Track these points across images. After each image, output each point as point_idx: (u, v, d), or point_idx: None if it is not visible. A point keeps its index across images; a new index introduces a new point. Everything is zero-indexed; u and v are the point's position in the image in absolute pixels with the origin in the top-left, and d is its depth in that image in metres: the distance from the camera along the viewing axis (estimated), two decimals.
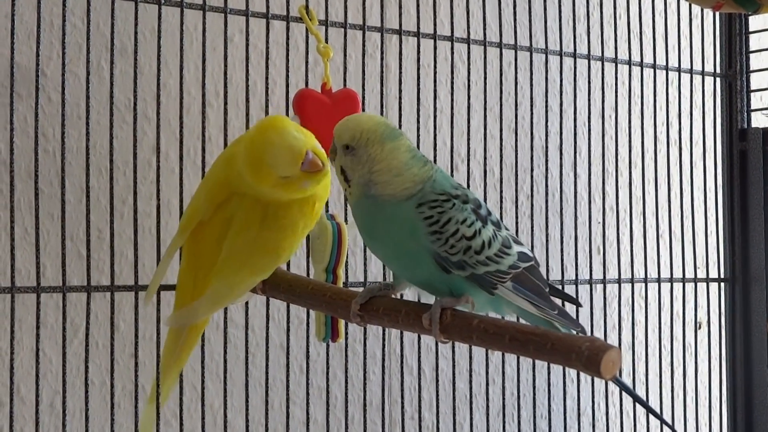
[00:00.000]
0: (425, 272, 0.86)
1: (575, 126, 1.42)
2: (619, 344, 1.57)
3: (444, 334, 0.85)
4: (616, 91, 1.45)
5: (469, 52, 1.31)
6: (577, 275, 1.40)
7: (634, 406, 1.45)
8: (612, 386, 1.48)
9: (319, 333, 1.12)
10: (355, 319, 0.91)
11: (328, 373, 1.21)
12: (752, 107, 1.61)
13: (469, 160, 1.31)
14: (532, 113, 1.39)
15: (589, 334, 0.96)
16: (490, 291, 0.86)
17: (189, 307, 1.02)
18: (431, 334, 0.85)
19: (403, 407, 1.28)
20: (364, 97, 1.23)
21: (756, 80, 1.62)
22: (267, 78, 1.18)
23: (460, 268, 0.85)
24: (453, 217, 0.85)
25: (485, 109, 1.33)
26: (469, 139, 1.31)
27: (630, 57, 1.47)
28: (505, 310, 0.90)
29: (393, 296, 0.91)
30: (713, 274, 1.58)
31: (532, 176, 1.39)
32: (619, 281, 1.46)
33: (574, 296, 1.39)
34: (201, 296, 1.01)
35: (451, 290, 0.87)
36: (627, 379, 1.54)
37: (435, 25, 1.29)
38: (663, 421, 1.00)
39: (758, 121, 1.63)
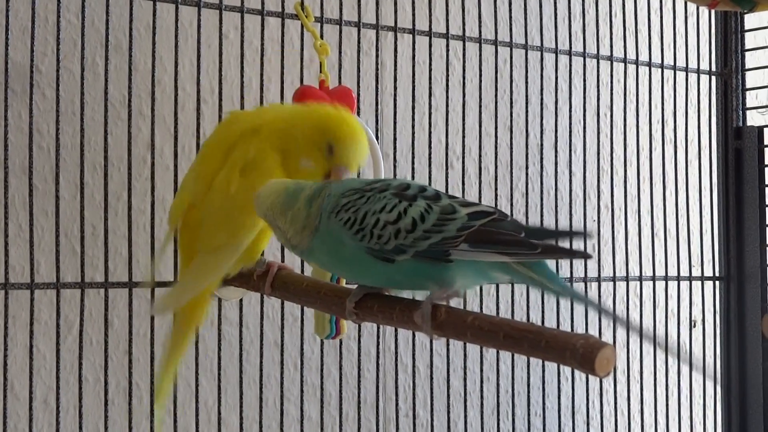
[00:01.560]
0: (379, 272, 0.85)
1: (570, 124, 1.42)
2: (614, 342, 1.57)
3: (438, 331, 0.84)
4: (612, 89, 1.45)
5: (464, 50, 1.31)
6: (572, 273, 1.40)
7: (629, 404, 1.45)
8: (606, 384, 1.49)
9: (322, 330, 1.11)
10: (351, 317, 0.91)
11: (322, 371, 1.21)
12: (747, 105, 1.61)
13: (464, 158, 1.31)
14: (527, 111, 1.39)
15: (583, 332, 0.95)
16: (446, 260, 0.83)
17: (173, 288, 0.99)
18: (424, 332, 0.84)
19: (397, 405, 1.28)
20: (359, 95, 1.23)
21: (751, 78, 1.62)
22: (262, 75, 1.18)
23: (400, 252, 0.83)
24: (368, 210, 0.84)
25: (480, 106, 1.33)
26: (464, 137, 1.31)
27: (625, 55, 1.47)
28: (491, 275, 0.86)
29: (386, 293, 0.91)
30: (708, 273, 1.58)
31: (527, 174, 1.39)
32: (614, 279, 1.46)
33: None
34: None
35: (415, 278, 0.85)
36: (621, 377, 1.54)
37: (430, 22, 1.29)
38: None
39: (753, 119, 1.63)
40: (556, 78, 1.42)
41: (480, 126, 1.32)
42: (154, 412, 1.05)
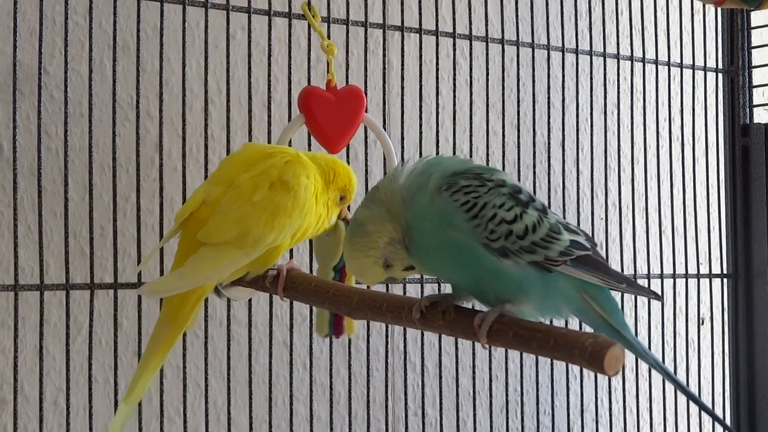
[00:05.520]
0: (477, 263, 0.82)
1: (577, 122, 1.42)
2: None
3: (448, 329, 0.84)
4: (618, 87, 1.45)
5: (471, 49, 1.31)
6: None
7: (637, 403, 1.45)
8: (615, 382, 1.48)
9: (322, 329, 1.12)
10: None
11: (331, 370, 1.21)
12: (754, 103, 1.61)
13: (471, 157, 1.31)
14: (534, 109, 1.39)
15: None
16: (547, 269, 0.82)
17: (167, 275, 0.97)
18: (477, 336, 0.81)
19: (406, 404, 1.28)
20: (366, 94, 1.23)
21: (758, 76, 1.62)
22: (269, 75, 1.18)
23: (502, 255, 0.81)
24: (489, 201, 0.82)
25: (487, 105, 1.33)
26: (471, 136, 1.31)
27: (632, 53, 1.47)
28: (567, 302, 0.85)
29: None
30: (716, 270, 1.58)
31: (534, 173, 1.39)
32: None
33: None
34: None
35: (499, 286, 0.83)
36: (630, 375, 1.54)
37: (437, 21, 1.29)
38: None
39: (760, 116, 1.63)
40: (563, 76, 1.42)
41: (487, 125, 1.32)
42: (119, 408, 0.98)
